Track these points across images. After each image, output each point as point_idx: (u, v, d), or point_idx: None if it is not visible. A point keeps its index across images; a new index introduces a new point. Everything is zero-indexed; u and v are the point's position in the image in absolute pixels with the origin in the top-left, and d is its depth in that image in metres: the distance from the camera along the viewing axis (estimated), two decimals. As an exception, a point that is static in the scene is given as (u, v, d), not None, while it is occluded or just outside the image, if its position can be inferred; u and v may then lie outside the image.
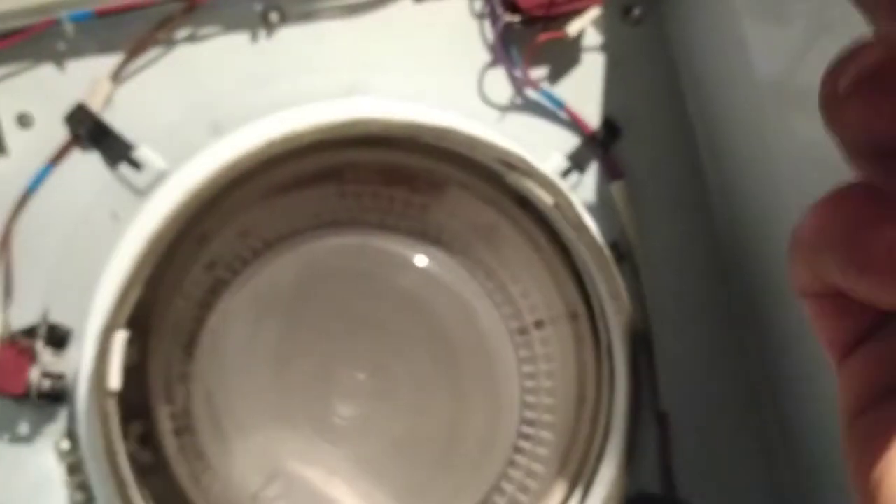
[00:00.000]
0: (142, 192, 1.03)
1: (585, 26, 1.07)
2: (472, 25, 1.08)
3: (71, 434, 1.02)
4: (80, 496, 1.01)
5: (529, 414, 1.09)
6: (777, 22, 1.02)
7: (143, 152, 1.04)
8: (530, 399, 1.09)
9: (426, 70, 1.08)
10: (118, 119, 1.03)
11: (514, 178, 1.03)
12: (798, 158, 1.02)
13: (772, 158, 1.05)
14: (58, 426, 1.02)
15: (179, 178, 1.01)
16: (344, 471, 1.10)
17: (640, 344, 1.09)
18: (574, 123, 1.10)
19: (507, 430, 1.09)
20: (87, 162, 1.02)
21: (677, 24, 1.12)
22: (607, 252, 1.05)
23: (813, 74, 0.97)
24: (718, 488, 1.15)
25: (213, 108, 1.05)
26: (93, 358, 0.95)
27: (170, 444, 1.09)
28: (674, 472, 1.13)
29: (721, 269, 1.15)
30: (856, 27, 0.85)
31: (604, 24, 1.10)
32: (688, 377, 1.14)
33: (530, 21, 1.05)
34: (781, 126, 1.03)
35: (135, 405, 1.07)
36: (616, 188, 1.11)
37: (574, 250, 1.08)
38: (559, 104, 1.09)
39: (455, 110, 1.06)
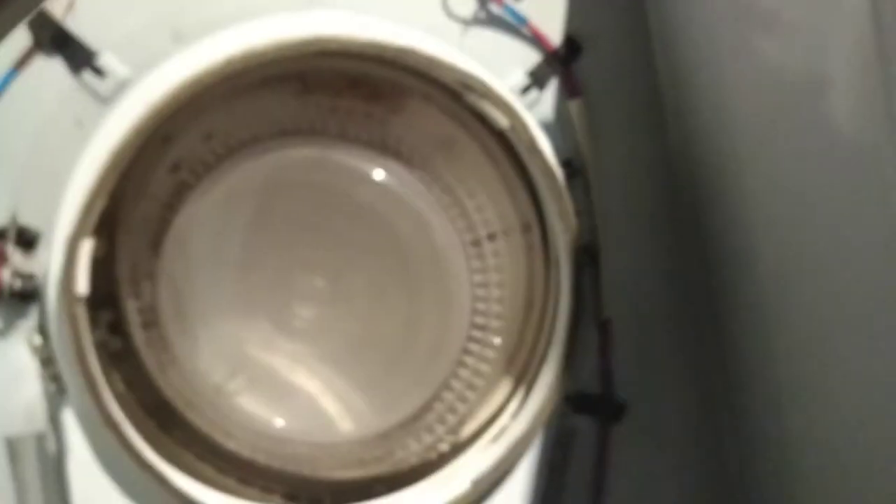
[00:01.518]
0: (105, 100, 1.05)
1: (550, -56, 1.07)
2: (438, -63, 1.07)
3: (42, 330, 1.08)
4: (53, 387, 1.08)
5: (479, 319, 1.16)
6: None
7: (106, 59, 1.05)
8: (480, 306, 1.15)
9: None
10: (81, 26, 1.03)
11: (472, 99, 1.05)
12: (752, 80, 1.04)
13: (727, 78, 1.07)
14: (30, 322, 1.08)
15: (141, 90, 1.02)
16: (305, 364, 1.18)
17: (587, 256, 1.15)
18: (536, 40, 1.11)
19: (458, 334, 1.15)
20: (51, 69, 1.03)
21: (644, -58, 1.11)
22: (559, 174, 1.08)
23: None
24: (654, 390, 1.23)
25: (175, 17, 1.05)
26: (61, 264, 1.00)
27: (137, 335, 1.15)
28: (613, 374, 1.20)
29: (672, 186, 1.19)
30: None
31: (569, -59, 1.10)
32: (633, 287, 1.20)
33: (495, -64, 1.05)
34: (738, 46, 1.04)
35: (104, 294, 1.12)
36: (574, 106, 1.14)
37: (528, 167, 1.12)
38: (522, 20, 1.10)
39: (417, 24, 1.07)
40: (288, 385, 1.15)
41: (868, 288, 0.94)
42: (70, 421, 1.09)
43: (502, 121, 1.04)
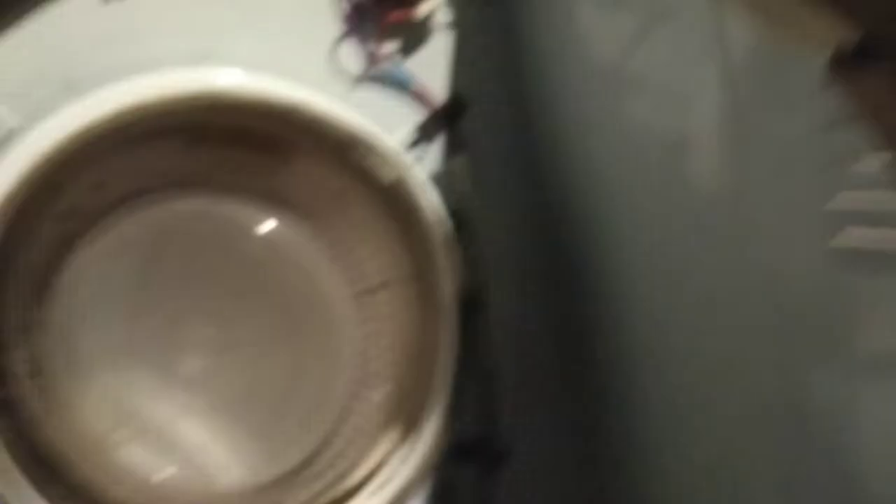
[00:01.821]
0: (-7, 149, 1.05)
1: (435, 8, 1.12)
2: (326, -1, 1.12)
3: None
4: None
5: (367, 367, 1.18)
6: (613, 10, 1.09)
7: (-6, 108, 1.05)
8: (369, 354, 1.18)
9: (280, 39, 1.11)
10: (-30, 76, 1.04)
11: (359, 154, 1.09)
12: (621, 140, 1.11)
13: (597, 137, 1.14)
14: None
15: (31, 140, 1.03)
16: (193, 414, 1.18)
17: (473, 305, 1.19)
18: (422, 98, 1.16)
19: (346, 382, 1.18)
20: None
21: (523, 7, 1.18)
22: (445, 225, 1.13)
23: (643, 63, 1.05)
24: (537, 437, 1.27)
25: (67, 68, 1.07)
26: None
27: (24, 384, 1.14)
28: (497, 421, 1.24)
29: (553, 237, 1.25)
30: (688, 19, 0.94)
31: (454, 4, 1.15)
32: (517, 335, 1.24)
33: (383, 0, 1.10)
34: (610, 107, 1.11)
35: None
36: (459, 161, 1.18)
37: (415, 219, 1.16)
38: (409, 79, 1.14)
39: (306, 81, 1.10)
40: (175, 435, 1.15)
41: (726, 336, 1.00)
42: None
43: (388, 175, 1.08)
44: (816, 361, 0.89)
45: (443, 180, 1.18)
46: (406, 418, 1.21)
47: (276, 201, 1.13)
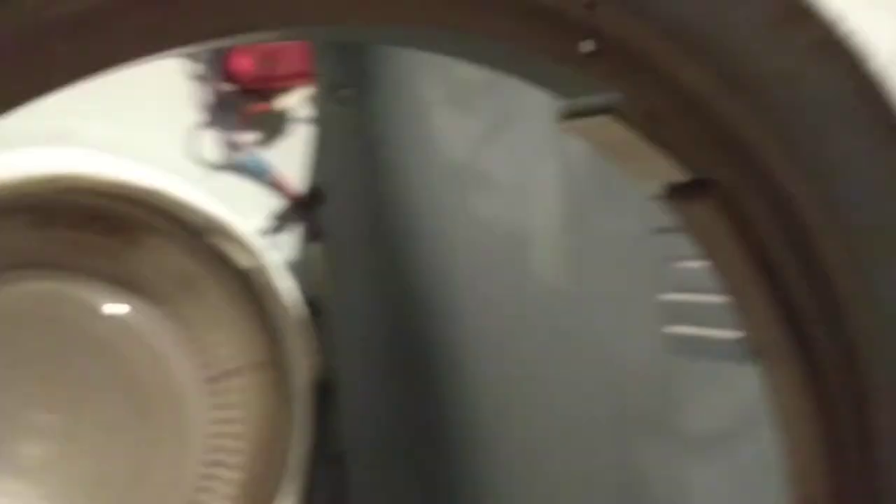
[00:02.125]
0: None
1: (296, 103, 1.17)
2: (187, 86, 1.14)
3: None
4: None
5: (216, 456, 1.17)
6: (462, 114, 1.16)
7: None
8: (218, 442, 1.17)
9: (139, 123, 1.12)
10: None
11: (215, 240, 1.10)
12: (470, 234, 1.17)
13: (450, 232, 1.19)
14: None
15: None
16: (29, 505, 1.13)
17: (325, 393, 1.20)
18: (279, 188, 1.19)
19: (193, 470, 1.16)
20: None
21: (380, 106, 1.24)
22: (300, 312, 1.15)
23: (490, 162, 1.12)
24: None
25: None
26: None
27: None
28: (347, 506, 1.25)
29: (406, 326, 1.29)
30: (531, 123, 1.00)
31: (315, 100, 1.20)
32: (368, 423, 1.26)
33: (245, 91, 1.13)
34: (460, 203, 1.17)
35: None
36: (315, 249, 1.21)
37: (269, 307, 1.17)
38: (266, 168, 1.17)
39: (163, 166, 1.11)
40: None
41: (568, 415, 1.06)
42: None
43: (244, 261, 1.10)
44: (648, 438, 0.95)
45: (299, 268, 1.20)
46: (255, 506, 1.20)
47: (126, 284, 1.12)
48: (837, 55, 0.44)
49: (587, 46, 0.45)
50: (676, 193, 0.54)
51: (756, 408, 0.89)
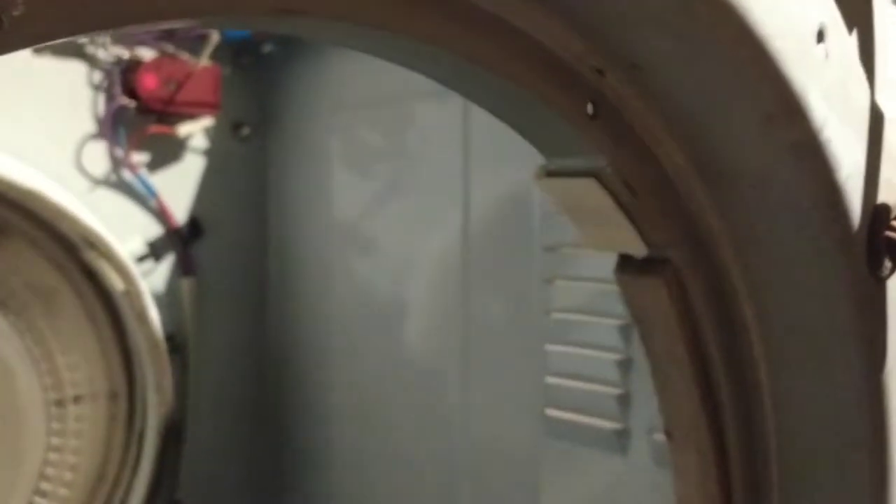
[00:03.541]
0: None
1: (195, 132, 1.14)
2: (87, 94, 1.09)
3: None
4: None
5: (45, 486, 1.08)
6: (358, 177, 1.16)
7: None
8: (50, 471, 1.08)
9: (28, 123, 1.05)
10: None
11: (90, 257, 1.04)
12: (346, 289, 1.16)
13: (326, 283, 1.18)
14: None
15: None
16: None
17: (173, 434, 1.14)
18: (161, 214, 1.14)
19: (18, 499, 1.07)
20: None
21: (279, 152, 1.23)
22: (163, 346, 1.09)
23: (374, 227, 1.13)
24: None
25: None
26: None
27: None
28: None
29: (265, 371, 1.25)
30: (423, 193, 1.01)
31: (213, 134, 1.17)
32: (211, 468, 1.21)
33: (145, 110, 1.09)
34: (342, 263, 1.17)
35: None
36: (186, 283, 1.17)
37: (130, 335, 1.11)
38: (152, 192, 1.13)
39: (46, 170, 1.05)
40: None
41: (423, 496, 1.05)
42: None
43: (118, 284, 1.04)
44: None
45: (164, 300, 1.15)
46: (76, 548, 1.11)
47: (-19, 289, 1.04)
48: (813, 160, 0.48)
49: (590, 108, 0.47)
50: (629, 267, 0.57)
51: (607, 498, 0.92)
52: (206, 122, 1.13)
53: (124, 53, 1.08)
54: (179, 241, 1.16)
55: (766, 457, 0.60)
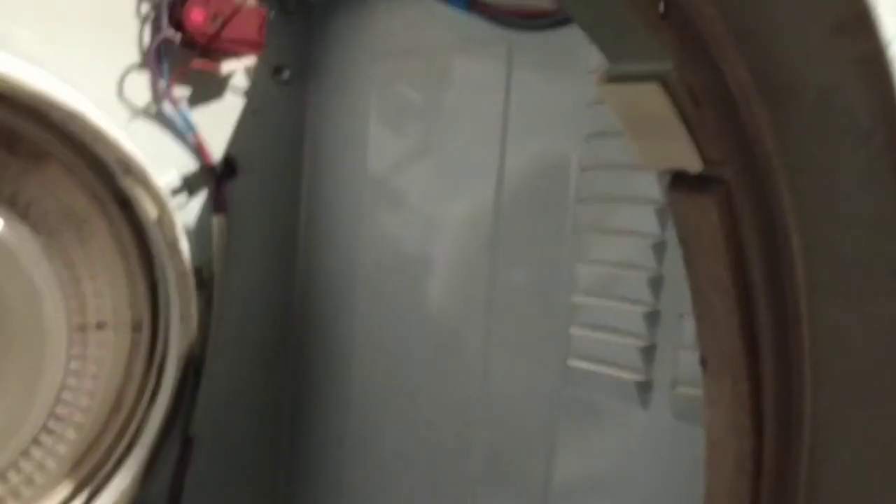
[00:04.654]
0: None
1: (238, 69, 1.14)
2: (134, 24, 1.09)
3: None
4: None
5: (61, 410, 1.09)
6: (394, 131, 1.17)
7: None
8: (67, 396, 1.09)
9: (73, 44, 1.06)
10: None
11: (127, 182, 1.05)
12: (375, 243, 1.16)
13: (355, 235, 1.19)
14: None
15: None
16: None
17: (192, 369, 1.15)
18: (198, 150, 1.15)
19: (34, 421, 1.07)
20: None
21: (318, 98, 1.23)
22: (191, 278, 1.10)
23: (406, 182, 1.13)
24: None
25: None
26: None
27: None
28: (182, 493, 1.18)
29: (288, 316, 1.26)
30: (458, 153, 1.02)
31: (254, 75, 1.18)
32: (225, 407, 1.21)
33: (190, 44, 1.10)
34: (372, 215, 1.17)
35: None
36: (217, 221, 1.17)
37: (159, 266, 1.12)
38: (191, 127, 1.13)
39: (88, 95, 1.06)
40: None
41: (427, 447, 1.05)
42: None
43: (152, 211, 1.05)
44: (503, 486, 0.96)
45: (194, 236, 1.16)
46: (85, 475, 1.11)
47: (14, 207, 1.04)
48: (878, 76, 0.48)
49: (661, 7, 0.48)
50: (681, 184, 0.57)
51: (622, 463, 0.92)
52: (249, 61, 1.14)
53: (173, -15, 1.09)
54: (213, 179, 1.17)
55: (801, 390, 0.60)
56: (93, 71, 1.07)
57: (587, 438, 0.94)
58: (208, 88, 1.15)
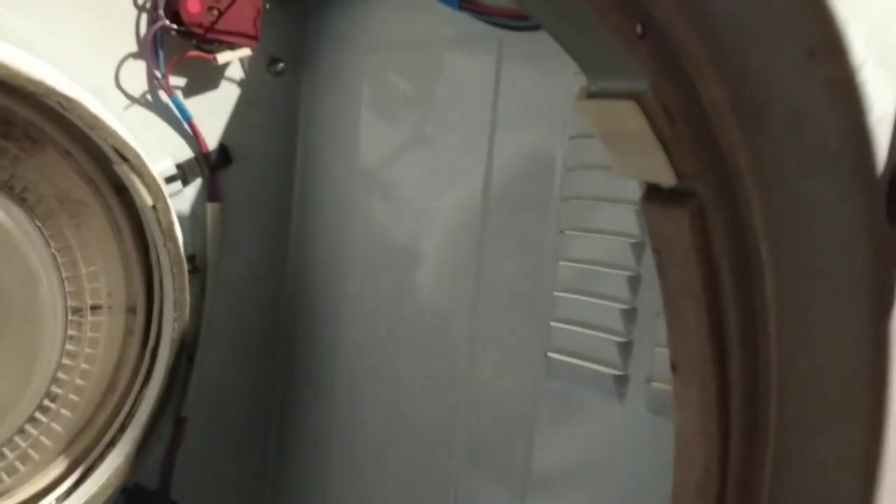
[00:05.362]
0: None
1: (233, 60, 1.16)
2: (131, 13, 1.11)
3: None
4: None
5: (56, 389, 1.11)
6: (386, 123, 1.18)
7: None
8: (63, 376, 1.11)
9: (70, 33, 1.08)
10: None
11: (122, 170, 1.06)
12: (364, 233, 1.18)
13: (345, 225, 1.21)
14: None
15: None
16: None
17: (185, 352, 1.17)
18: (193, 138, 1.17)
19: (29, 400, 1.10)
20: None
21: (311, 90, 1.25)
22: (185, 264, 1.12)
23: (396, 174, 1.15)
24: (211, 492, 1.25)
25: None
26: None
27: None
28: (174, 473, 1.21)
29: (280, 302, 1.28)
30: (448, 145, 1.04)
31: (249, 66, 1.19)
32: (216, 388, 1.24)
33: (186, 34, 1.11)
34: (362, 205, 1.19)
35: None
36: (211, 208, 1.19)
37: (153, 251, 1.14)
38: (186, 116, 1.15)
39: (84, 83, 1.08)
40: None
41: (413, 434, 1.08)
42: None
43: (147, 198, 1.07)
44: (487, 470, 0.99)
45: (188, 223, 1.18)
46: (79, 454, 1.14)
47: (11, 193, 1.06)
48: (848, 99, 0.50)
49: (639, 28, 0.50)
50: (655, 196, 0.59)
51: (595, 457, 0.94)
52: (244, 52, 1.15)
53: (171, -24, 1.11)
54: (208, 167, 1.19)
55: (768, 397, 0.62)
56: (89, 59, 1.08)
57: (566, 428, 0.96)
58: (204, 78, 1.16)
